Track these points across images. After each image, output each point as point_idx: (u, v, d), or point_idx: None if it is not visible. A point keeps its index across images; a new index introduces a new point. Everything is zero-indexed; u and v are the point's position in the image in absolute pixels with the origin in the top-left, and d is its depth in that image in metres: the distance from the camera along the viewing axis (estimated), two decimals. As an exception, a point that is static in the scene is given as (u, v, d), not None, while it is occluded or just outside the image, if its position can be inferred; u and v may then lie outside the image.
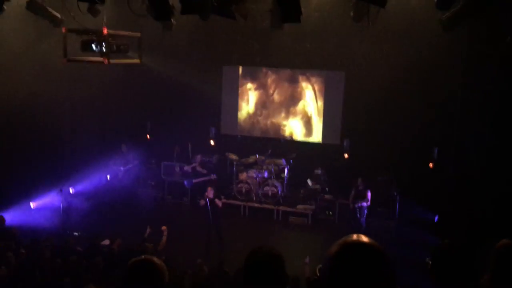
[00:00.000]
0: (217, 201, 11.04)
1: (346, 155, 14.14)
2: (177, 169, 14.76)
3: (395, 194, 13.10)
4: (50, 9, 10.38)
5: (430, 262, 3.06)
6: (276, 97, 15.75)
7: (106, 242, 10.75)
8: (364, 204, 11.77)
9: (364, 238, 1.53)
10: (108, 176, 14.25)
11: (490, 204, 9.37)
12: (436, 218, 12.56)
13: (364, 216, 11.87)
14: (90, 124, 15.18)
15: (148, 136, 15.78)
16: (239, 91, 16.07)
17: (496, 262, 3.02)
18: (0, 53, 11.98)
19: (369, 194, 11.87)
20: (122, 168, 14.22)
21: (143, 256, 2.44)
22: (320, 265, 1.51)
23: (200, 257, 10.61)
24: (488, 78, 10.00)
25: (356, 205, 11.75)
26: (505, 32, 8.73)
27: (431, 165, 13.20)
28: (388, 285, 1.44)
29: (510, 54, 8.75)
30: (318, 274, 1.86)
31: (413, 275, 8.05)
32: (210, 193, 11.03)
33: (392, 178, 13.36)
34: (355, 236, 1.54)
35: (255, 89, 15.95)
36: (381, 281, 1.43)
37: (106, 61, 8.19)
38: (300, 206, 13.72)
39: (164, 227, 9.72)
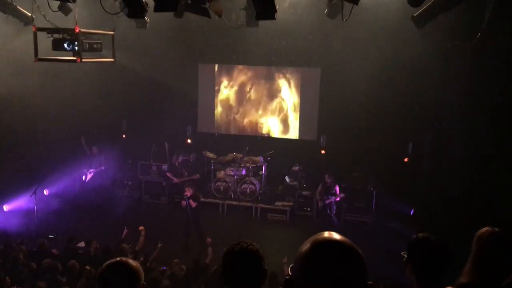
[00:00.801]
0: (191, 201, 11.08)
1: (323, 151, 14.25)
2: (154, 168, 14.63)
3: (372, 189, 13.25)
4: (20, 8, 10.15)
5: (406, 255, 3.09)
6: (252, 94, 15.74)
7: (82, 244, 10.60)
8: (332, 199, 11.78)
9: (335, 235, 1.50)
10: (84, 177, 14.01)
11: (463, 197, 9.54)
12: (412, 211, 12.74)
13: (334, 212, 11.89)
14: (63, 124, 14.91)
15: (123, 135, 15.61)
16: (215, 89, 16.01)
17: (478, 249, 3.05)
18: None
19: (337, 188, 11.88)
20: (90, 171, 13.94)
21: (118, 258, 2.39)
22: (292, 264, 1.48)
23: (179, 256, 10.58)
24: (463, 73, 10.16)
25: (325, 202, 11.76)
26: (477, 25, 8.89)
27: (406, 159, 13.40)
28: (360, 282, 1.43)
29: (483, 48, 8.92)
30: (290, 273, 1.82)
31: (391, 269, 8.14)
32: (188, 192, 11.07)
33: (369, 173, 13.51)
34: (326, 234, 1.51)
35: (231, 86, 15.91)
36: (353, 278, 1.40)
37: (78, 60, 8.04)
38: (278, 203, 13.76)
39: (141, 227, 9.64)
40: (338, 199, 12.06)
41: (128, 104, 15.45)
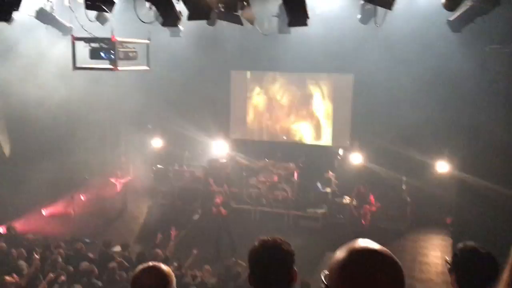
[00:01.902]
0: (221, 209, 11.17)
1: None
2: (187, 174, 14.78)
3: (406, 197, 13.03)
4: (58, 18, 10.48)
5: (450, 264, 3.02)
6: (284, 101, 15.75)
7: (118, 248, 10.80)
8: (367, 208, 11.68)
9: (373, 244, 1.48)
10: (116, 185, 14.25)
11: (501, 207, 9.26)
12: (449, 220, 12.46)
13: (368, 221, 11.78)
14: (100, 129, 15.29)
15: (156, 142, 15.87)
16: (247, 96, 16.09)
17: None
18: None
19: (372, 198, 11.78)
20: (119, 181, 14.19)
21: (150, 263, 2.44)
22: (325, 272, 1.46)
23: (211, 262, 10.64)
24: (501, 78, 9.90)
25: (360, 211, 11.67)
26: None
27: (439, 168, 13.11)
28: None
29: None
30: (324, 280, 1.77)
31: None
32: (218, 199, 11.19)
33: (403, 180, 13.29)
34: (363, 242, 1.49)
35: (264, 93, 15.96)
36: None
37: (115, 68, 8.24)
38: (310, 210, 13.68)
39: (173, 231, 9.74)
40: (374, 209, 11.94)
41: (161, 111, 15.69)
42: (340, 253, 1.49)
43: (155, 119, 15.87)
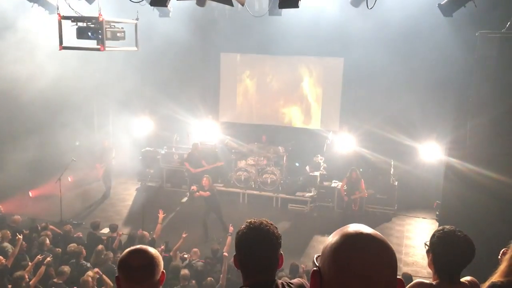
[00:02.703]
0: (201, 192, 11.17)
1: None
2: (176, 157, 14.73)
3: (394, 181, 13.12)
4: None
5: (427, 246, 3.07)
6: (274, 84, 15.68)
7: (106, 230, 10.78)
8: (358, 195, 11.74)
9: (366, 229, 1.48)
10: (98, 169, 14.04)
11: (491, 194, 9.35)
12: (435, 204, 12.59)
13: (358, 206, 11.86)
14: (87, 111, 15.13)
15: (146, 125, 15.77)
16: (237, 78, 16.00)
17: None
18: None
19: (362, 184, 11.83)
20: (100, 165, 14.01)
21: (138, 246, 2.41)
22: (317, 255, 1.47)
23: (199, 244, 10.68)
24: (491, 63, 9.90)
25: (350, 197, 11.72)
26: (508, 15, 8.64)
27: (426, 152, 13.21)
28: (391, 277, 1.42)
29: None
30: (316, 263, 1.76)
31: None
32: (205, 182, 11.18)
33: (391, 165, 13.37)
34: (356, 226, 1.49)
35: (253, 76, 15.88)
36: (384, 273, 1.40)
37: (102, 48, 8.11)
38: (299, 193, 13.73)
39: (160, 213, 9.71)
40: (365, 195, 12.02)
41: (150, 93, 15.55)
42: (333, 237, 1.49)
43: (144, 101, 15.74)
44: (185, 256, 9.11)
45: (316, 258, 1.52)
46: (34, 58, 12.06)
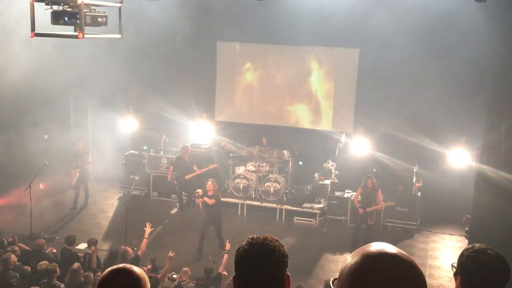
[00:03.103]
0: (206, 199, 11.10)
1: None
2: (164, 161, 14.72)
3: (417, 191, 13.08)
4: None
5: (455, 267, 3.04)
6: (279, 78, 15.67)
7: (82, 246, 10.75)
8: (374, 207, 11.74)
9: (390, 248, 1.48)
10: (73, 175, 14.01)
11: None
12: (464, 219, 12.55)
13: (374, 220, 11.85)
14: (62, 109, 15.11)
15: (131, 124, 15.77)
16: (236, 71, 15.99)
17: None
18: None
19: (379, 195, 11.82)
20: (75, 171, 13.94)
21: (121, 265, 2.38)
22: (333, 278, 1.47)
23: (191, 262, 10.64)
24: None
25: (366, 209, 11.72)
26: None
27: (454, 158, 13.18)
28: None
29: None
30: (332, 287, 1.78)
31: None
32: (210, 187, 11.13)
33: (413, 172, 13.34)
34: (378, 245, 1.49)
35: (255, 69, 15.87)
36: None
37: (80, 35, 8.09)
38: (306, 205, 13.70)
39: (147, 226, 9.66)
40: (382, 207, 12.02)
41: (135, 87, 15.55)
42: (353, 257, 1.48)
43: (128, 97, 15.74)
44: (174, 276, 9.08)
45: (333, 282, 1.51)
46: (3, 47, 12.05)
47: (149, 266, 9.07)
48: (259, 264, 2.22)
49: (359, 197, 11.92)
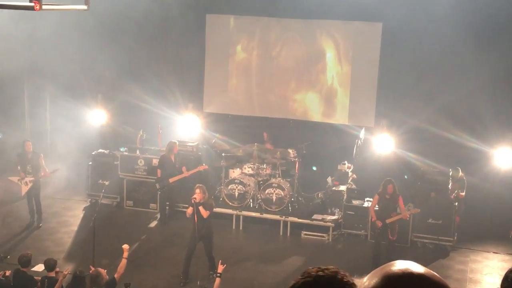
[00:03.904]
0: (201, 209, 11.07)
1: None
2: (141, 162, 14.71)
3: (453, 199, 13.07)
4: None
5: None
6: (282, 60, 15.67)
7: (40, 268, 10.74)
8: (395, 217, 11.72)
9: (416, 267, 1.49)
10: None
11: None
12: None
13: (396, 234, 11.82)
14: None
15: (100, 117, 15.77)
16: (230, 51, 15.97)
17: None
18: None
19: (401, 202, 11.79)
20: (25, 180, 13.71)
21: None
22: None
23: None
24: None
25: (385, 220, 11.70)
26: None
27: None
28: None
29: None
30: None
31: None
32: (197, 196, 11.07)
33: (449, 176, 13.34)
34: (401, 264, 1.50)
35: (253, 48, 15.86)
36: None
37: (37, 6, 8.09)
38: (317, 216, 13.71)
39: (125, 246, 9.69)
40: (406, 216, 11.99)
41: (105, 71, 15.53)
42: (371, 279, 1.51)
43: (95, 83, 15.72)
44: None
45: None
46: None
47: (123, 293, 9.07)
48: None
49: (376, 206, 11.91)
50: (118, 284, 9.18)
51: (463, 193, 13.04)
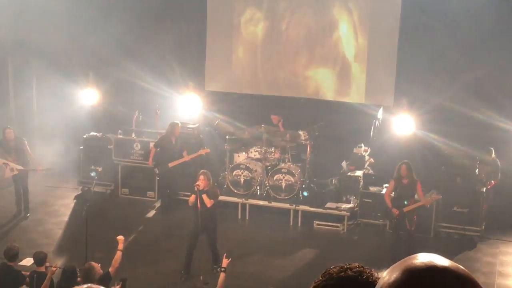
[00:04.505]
0: (204, 197, 11.08)
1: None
2: (137, 146, 14.72)
3: (481, 185, 13.05)
4: None
5: None
6: (292, 32, 15.62)
7: (28, 262, 10.80)
8: (412, 204, 11.68)
9: (440, 260, 1.48)
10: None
11: None
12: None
13: (415, 224, 11.78)
14: None
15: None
16: (234, 23, 15.93)
17: None
18: None
19: (419, 187, 11.74)
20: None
21: (85, 286, 2.41)
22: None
23: (175, 283, 10.69)
24: None
25: (402, 209, 11.65)
26: None
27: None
28: None
29: None
30: None
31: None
32: (201, 183, 11.07)
33: (476, 161, 13.31)
34: (424, 257, 1.49)
35: (259, 19, 15.81)
36: None
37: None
38: (331, 205, 13.73)
39: (120, 237, 9.74)
40: (427, 203, 11.97)
41: (97, 46, 15.52)
42: (391, 273, 1.50)
43: (87, 59, 15.71)
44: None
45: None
46: None
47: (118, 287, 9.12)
48: None
49: (392, 192, 11.88)
50: (113, 278, 9.23)
51: (497, 179, 13.05)
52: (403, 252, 10.94)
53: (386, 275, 1.51)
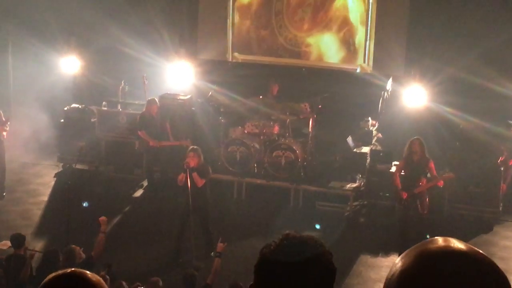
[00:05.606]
0: (195, 175, 11.10)
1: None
2: (123, 119, 14.70)
3: (499, 163, 13.08)
4: None
5: None
6: (293, -6, 15.59)
7: (5, 245, 10.86)
8: (425, 185, 11.64)
9: (457, 243, 1.50)
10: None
11: None
12: None
13: (427, 207, 11.74)
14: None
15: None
16: (230, -15, 15.89)
17: None
18: None
19: (431, 166, 11.65)
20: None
21: (68, 270, 2.43)
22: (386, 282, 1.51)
23: (164, 269, 10.75)
24: None
25: (413, 191, 11.53)
26: None
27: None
28: None
29: None
30: None
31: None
32: (191, 160, 11.08)
33: (494, 136, 13.33)
34: (440, 240, 1.51)
35: (258, -20, 15.77)
36: None
37: None
38: (335, 184, 13.76)
39: (102, 218, 9.78)
40: (440, 183, 11.93)
41: (79, 9, 15.46)
42: (404, 259, 1.51)
43: (67, 23, 15.66)
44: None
45: None
46: None
47: (102, 273, 9.17)
48: (297, 279, 2.14)
49: (402, 172, 11.83)
50: (97, 263, 9.29)
51: None
52: (414, 235, 11.00)
53: (399, 261, 1.52)
